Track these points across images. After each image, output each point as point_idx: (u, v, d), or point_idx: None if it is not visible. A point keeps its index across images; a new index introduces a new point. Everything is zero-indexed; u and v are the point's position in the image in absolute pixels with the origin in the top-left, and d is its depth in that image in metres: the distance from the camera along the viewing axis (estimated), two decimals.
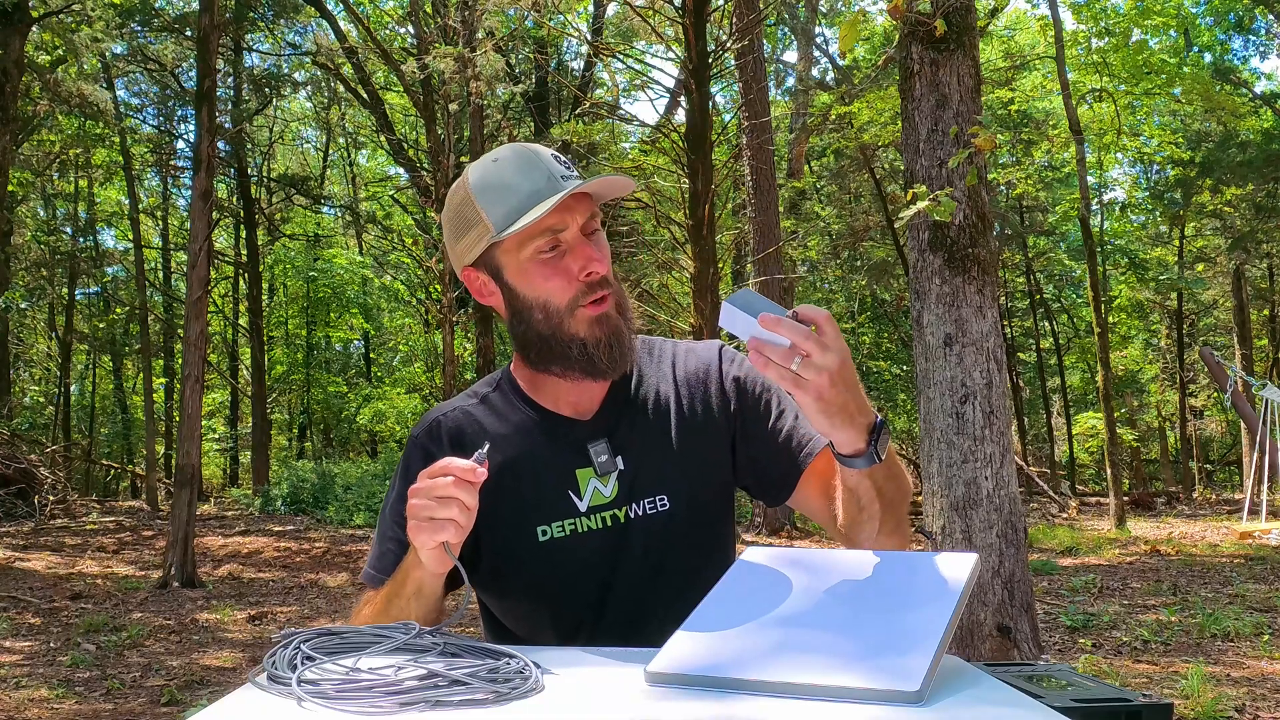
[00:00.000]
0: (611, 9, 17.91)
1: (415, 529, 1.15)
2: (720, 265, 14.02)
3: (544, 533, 1.34)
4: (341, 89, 19.22)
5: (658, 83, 14.39)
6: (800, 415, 1.38)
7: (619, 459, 1.36)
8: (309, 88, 20.62)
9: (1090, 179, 17.57)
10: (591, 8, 17.41)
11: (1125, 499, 13.64)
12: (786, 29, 19.09)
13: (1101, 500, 16.26)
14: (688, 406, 1.41)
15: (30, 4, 11.45)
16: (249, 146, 20.33)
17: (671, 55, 14.54)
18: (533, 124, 18.90)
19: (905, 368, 20.57)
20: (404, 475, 1.39)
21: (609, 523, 1.35)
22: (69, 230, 20.84)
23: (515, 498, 1.34)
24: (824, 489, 1.34)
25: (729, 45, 11.85)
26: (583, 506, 1.35)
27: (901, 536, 1.30)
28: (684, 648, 1.01)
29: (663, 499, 1.36)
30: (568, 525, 1.34)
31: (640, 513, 1.35)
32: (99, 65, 16.77)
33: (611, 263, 1.37)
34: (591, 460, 1.36)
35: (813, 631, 1.00)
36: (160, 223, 23.07)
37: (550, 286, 1.31)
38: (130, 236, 19.72)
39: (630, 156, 14.77)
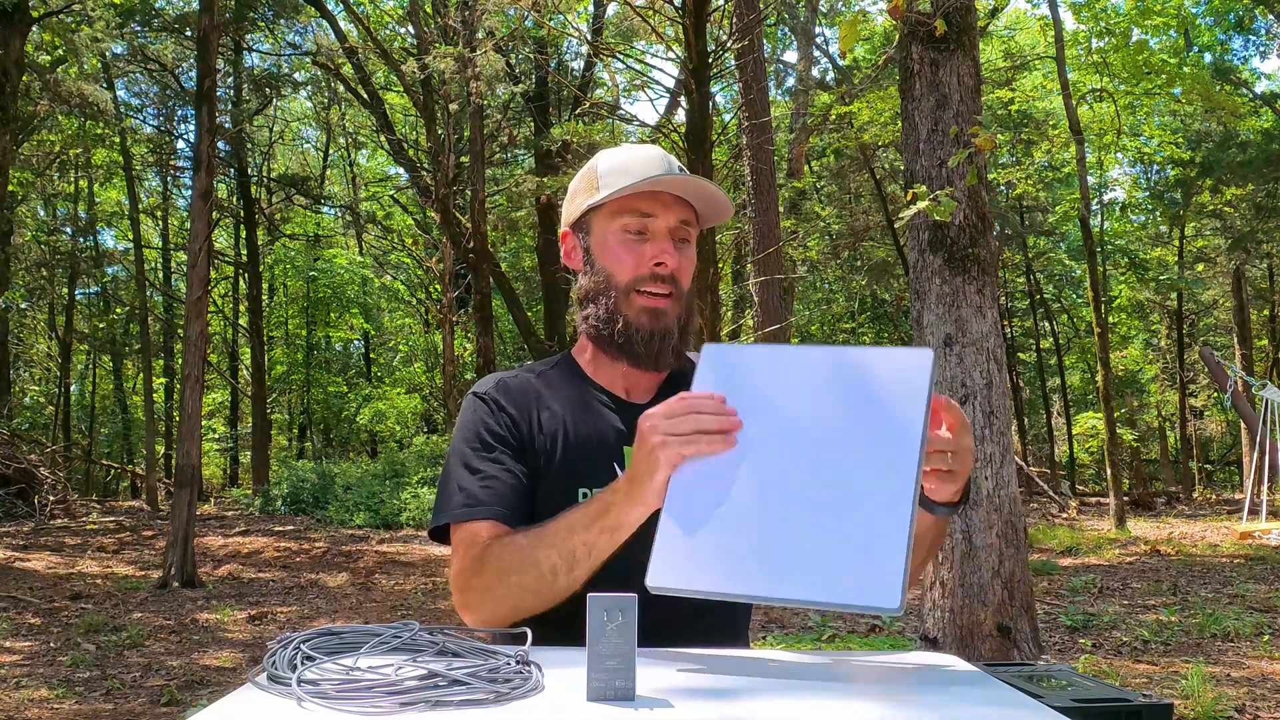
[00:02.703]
0: (611, 9, 17.91)
1: (664, 444, 1.10)
2: (720, 265, 14.02)
3: (584, 495, 1.38)
4: (341, 89, 19.22)
5: (658, 83, 14.41)
6: None
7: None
8: (309, 88, 20.62)
9: (1090, 179, 17.58)
10: (591, 8, 17.41)
11: (1125, 499, 13.64)
12: (786, 29, 19.09)
13: (1101, 500, 16.26)
14: None
15: (30, 4, 11.45)
16: (249, 146, 20.33)
17: (671, 55, 14.55)
18: (533, 124, 18.89)
19: None
20: (474, 424, 1.42)
21: None
22: (69, 230, 20.84)
23: (566, 457, 1.40)
24: None
25: (729, 45, 11.84)
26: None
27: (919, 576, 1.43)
28: (672, 559, 1.06)
29: None
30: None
31: None
32: (99, 65, 16.77)
33: (692, 281, 1.45)
34: None
35: (791, 530, 1.03)
36: (160, 223, 23.07)
37: (620, 264, 1.40)
38: (130, 236, 19.72)
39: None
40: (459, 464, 1.41)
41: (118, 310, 22.16)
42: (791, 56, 21.31)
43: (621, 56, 15.13)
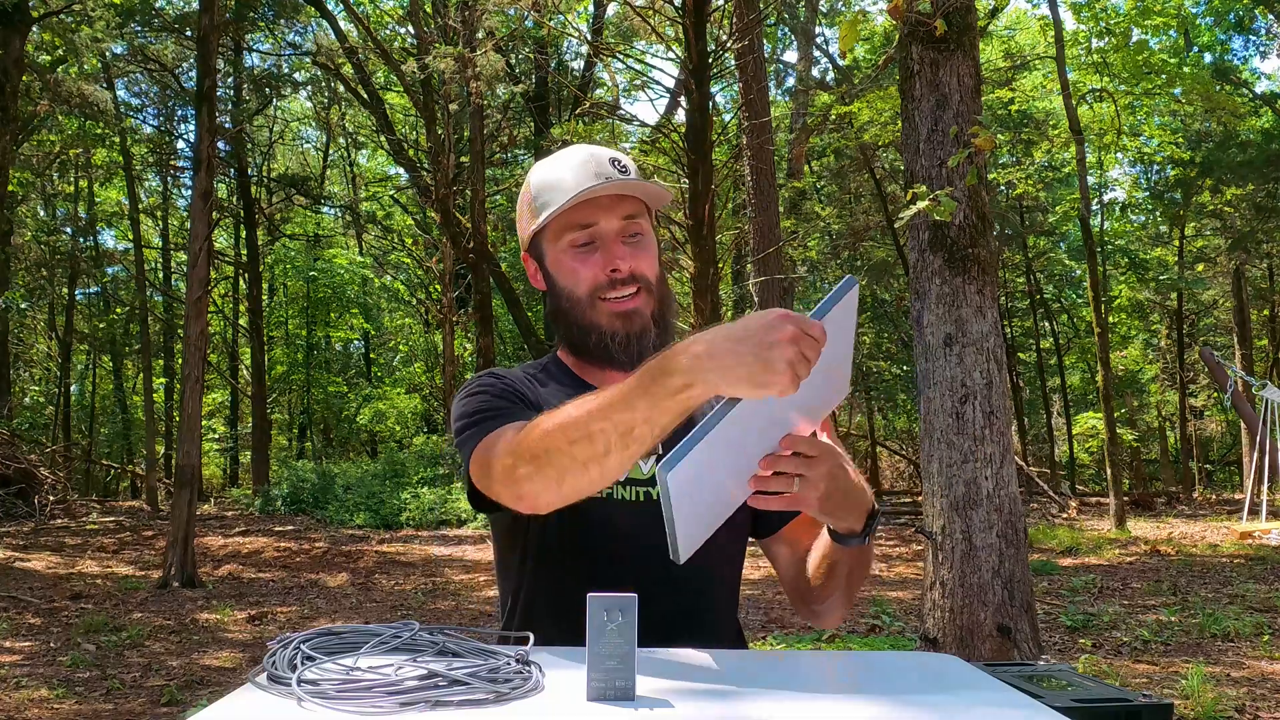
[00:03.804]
0: (611, 9, 17.92)
1: (796, 363, 0.99)
2: (720, 265, 14.02)
3: None
4: (341, 89, 19.22)
5: (658, 83, 14.41)
6: None
7: (659, 443, 1.39)
8: (309, 88, 20.62)
9: (1090, 179, 17.56)
10: (591, 8, 17.41)
11: (1125, 499, 13.63)
12: (786, 29, 19.09)
13: (1101, 500, 16.25)
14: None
15: (30, 4, 11.45)
16: (249, 146, 20.32)
17: (671, 55, 14.55)
18: (533, 124, 18.89)
19: (905, 368, 20.57)
20: (484, 392, 1.36)
21: (643, 499, 1.38)
22: (69, 230, 20.83)
23: None
24: (794, 543, 1.45)
25: (729, 45, 11.84)
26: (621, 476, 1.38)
27: (849, 608, 1.43)
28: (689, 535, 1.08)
29: None
30: (605, 490, 1.37)
31: None
32: (99, 65, 16.77)
33: (659, 263, 1.42)
34: None
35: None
36: (160, 223, 23.06)
37: (577, 277, 1.38)
38: (130, 236, 19.72)
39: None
40: (481, 415, 1.32)
41: (118, 310, 22.15)
42: (791, 56, 21.33)
43: (621, 56, 15.13)
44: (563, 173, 1.38)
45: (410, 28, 16.07)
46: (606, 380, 1.44)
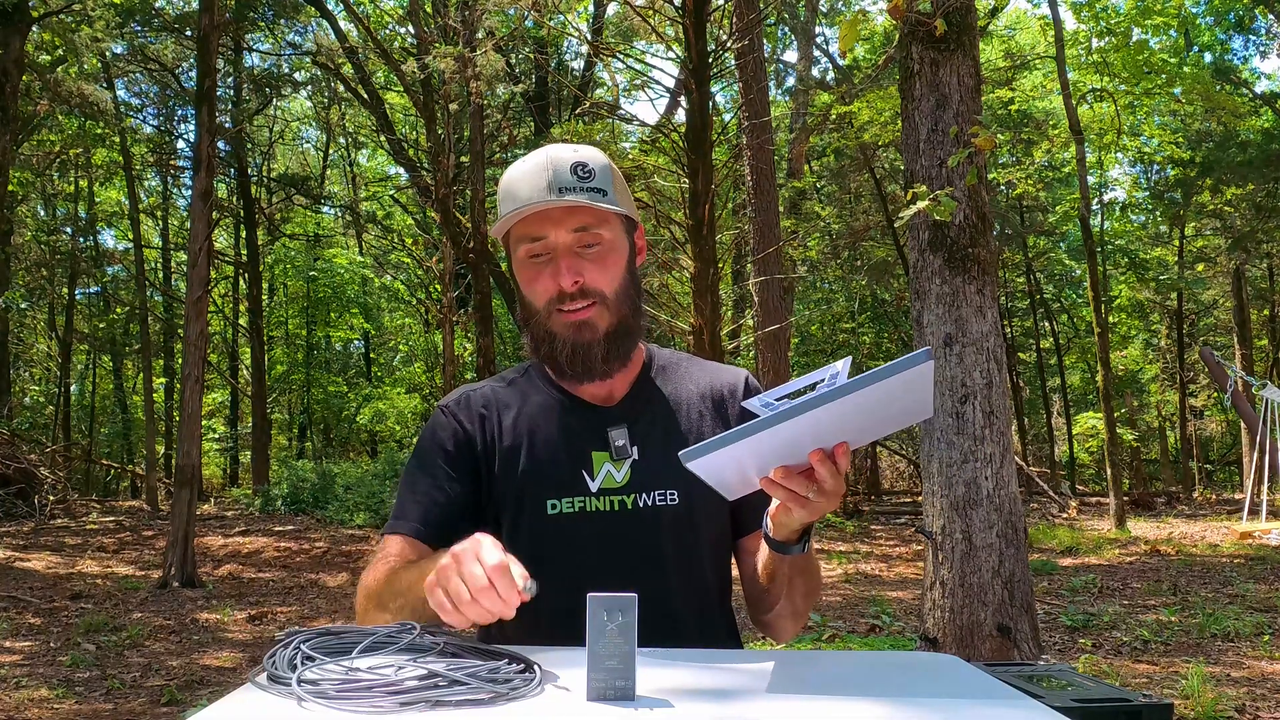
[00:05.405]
0: (611, 9, 17.92)
1: (444, 611, 1.06)
2: (720, 265, 14.01)
3: (553, 506, 1.37)
4: (341, 89, 19.22)
5: (658, 83, 14.37)
6: None
7: (635, 448, 1.40)
8: (309, 88, 20.61)
9: (1090, 179, 17.56)
10: (591, 8, 17.40)
11: (1125, 499, 13.63)
12: (786, 29, 19.09)
13: (1101, 500, 16.25)
14: (703, 417, 1.46)
15: (30, 4, 11.45)
16: (249, 146, 20.32)
17: (671, 55, 14.54)
18: (533, 124, 18.89)
19: None
20: (428, 438, 1.46)
21: (617, 507, 1.37)
22: (69, 230, 20.82)
23: (530, 469, 1.39)
24: (754, 553, 1.44)
25: (729, 45, 11.83)
26: (594, 487, 1.38)
27: (799, 625, 1.46)
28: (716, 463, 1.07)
29: (672, 494, 1.39)
30: (577, 503, 1.37)
31: (649, 503, 1.38)
32: (99, 65, 16.76)
33: (624, 272, 1.39)
34: (609, 444, 1.39)
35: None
36: (160, 223, 23.06)
37: (533, 288, 1.38)
38: (130, 236, 19.71)
39: (630, 156, 14.76)
40: (405, 476, 1.45)
41: (118, 310, 22.14)
42: (791, 56, 21.32)
43: (621, 56, 15.10)
44: (518, 179, 1.36)
45: (410, 28, 16.06)
46: (584, 385, 1.43)
